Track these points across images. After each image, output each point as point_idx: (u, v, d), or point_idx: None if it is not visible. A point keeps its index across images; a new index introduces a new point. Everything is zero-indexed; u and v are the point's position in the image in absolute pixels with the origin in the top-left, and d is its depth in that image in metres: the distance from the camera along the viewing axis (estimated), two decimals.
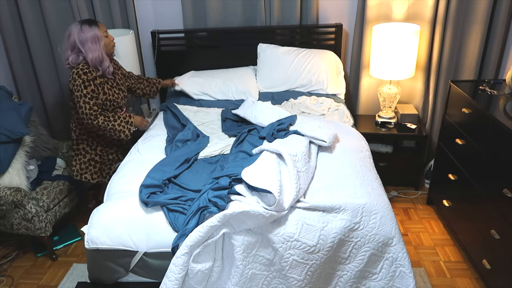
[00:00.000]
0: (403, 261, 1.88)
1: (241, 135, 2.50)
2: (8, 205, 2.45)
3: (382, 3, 3.03)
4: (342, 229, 1.83)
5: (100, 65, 2.43)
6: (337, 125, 2.61)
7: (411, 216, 2.94)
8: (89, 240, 1.93)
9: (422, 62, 3.12)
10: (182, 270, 1.75)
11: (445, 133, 2.72)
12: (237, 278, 1.80)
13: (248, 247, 1.79)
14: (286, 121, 2.47)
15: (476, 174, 2.32)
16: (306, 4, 3.11)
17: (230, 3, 3.13)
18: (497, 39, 2.90)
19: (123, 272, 1.98)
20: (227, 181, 1.95)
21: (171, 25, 3.29)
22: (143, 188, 2.01)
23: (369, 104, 3.37)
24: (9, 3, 3.12)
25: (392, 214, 1.94)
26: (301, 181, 1.94)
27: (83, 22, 2.38)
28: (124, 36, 3.00)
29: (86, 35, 2.36)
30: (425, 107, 3.26)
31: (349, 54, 3.31)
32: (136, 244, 1.91)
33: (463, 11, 2.92)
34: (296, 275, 1.81)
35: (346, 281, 1.90)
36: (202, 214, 1.83)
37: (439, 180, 2.82)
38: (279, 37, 3.20)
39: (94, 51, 2.38)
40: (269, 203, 1.80)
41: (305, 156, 2.08)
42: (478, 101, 2.35)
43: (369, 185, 2.04)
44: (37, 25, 3.20)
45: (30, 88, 3.41)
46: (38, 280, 2.55)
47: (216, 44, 3.25)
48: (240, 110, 2.79)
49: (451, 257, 2.55)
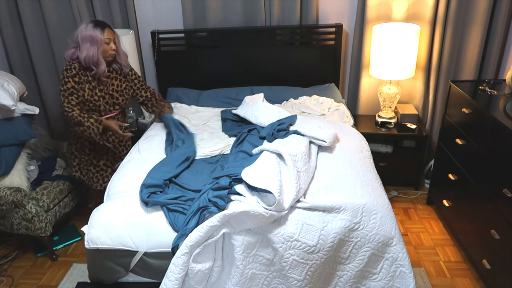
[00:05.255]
0: (403, 261, 1.88)
1: (241, 135, 2.51)
2: (8, 205, 2.45)
3: (382, 3, 3.03)
4: (342, 229, 1.83)
5: (94, 66, 2.43)
6: (337, 125, 2.61)
7: (411, 216, 2.94)
8: (89, 240, 1.93)
9: (422, 62, 3.12)
10: (182, 270, 1.75)
11: (445, 133, 2.72)
12: (237, 278, 1.80)
13: (248, 247, 1.79)
14: (286, 121, 2.47)
15: (476, 174, 2.32)
16: (306, 4, 3.11)
17: (230, 3, 3.13)
18: (497, 39, 2.90)
19: (123, 272, 1.98)
20: (227, 181, 1.95)
21: (171, 25, 3.29)
22: (143, 188, 2.02)
23: (369, 104, 3.37)
24: (9, 3, 3.12)
25: (392, 214, 1.94)
26: (301, 181, 1.94)
27: (92, 21, 2.40)
28: (124, 36, 3.00)
29: (87, 34, 2.37)
30: (425, 107, 3.26)
31: (349, 54, 3.31)
32: (136, 244, 1.91)
33: (463, 11, 2.92)
34: (296, 275, 1.81)
35: (346, 281, 1.90)
36: (202, 214, 1.83)
37: (439, 180, 2.82)
38: (279, 37, 3.20)
39: (89, 51, 2.38)
40: (269, 203, 1.80)
41: (305, 156, 2.08)
42: (478, 101, 2.35)
43: (369, 185, 2.04)
44: (37, 25, 3.19)
45: (30, 88, 3.40)
46: (38, 280, 2.55)
47: (216, 44, 3.24)
48: (240, 110, 2.79)
49: (451, 257, 2.55)
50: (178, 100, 3.19)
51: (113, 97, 2.58)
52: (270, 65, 3.25)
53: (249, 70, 3.27)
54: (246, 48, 3.22)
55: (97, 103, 2.51)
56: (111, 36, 2.44)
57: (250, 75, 3.28)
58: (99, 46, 2.39)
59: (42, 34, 3.23)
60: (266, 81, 3.26)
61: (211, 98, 3.18)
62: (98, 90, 2.51)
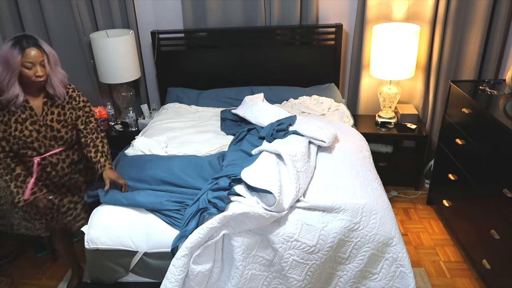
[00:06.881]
0: (403, 261, 1.88)
1: (240, 133, 2.50)
2: (8, 205, 2.45)
3: (382, 3, 3.03)
4: (342, 229, 1.83)
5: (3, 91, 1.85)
6: (337, 125, 2.61)
7: (411, 216, 2.94)
8: (89, 240, 1.93)
9: (422, 62, 3.12)
10: (182, 272, 1.75)
11: (445, 133, 2.72)
12: (237, 278, 1.80)
13: (248, 247, 1.79)
14: (286, 121, 2.47)
15: (476, 174, 2.32)
16: (306, 4, 3.11)
17: (230, 3, 3.13)
18: (497, 39, 2.90)
19: (123, 272, 1.98)
20: (227, 182, 1.95)
21: (171, 25, 3.29)
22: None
23: (369, 104, 3.37)
24: (9, 3, 3.12)
25: (392, 214, 1.94)
26: (301, 181, 1.94)
27: (13, 38, 1.85)
28: (124, 36, 3.01)
29: (2, 53, 1.83)
30: (425, 107, 3.26)
31: (349, 54, 3.31)
32: (136, 244, 1.91)
33: (463, 11, 2.92)
34: (296, 275, 1.81)
35: (346, 281, 1.90)
36: (201, 215, 1.83)
37: (439, 180, 2.82)
38: (279, 37, 3.20)
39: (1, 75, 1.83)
40: (269, 203, 1.80)
41: (304, 156, 2.08)
42: (478, 101, 2.35)
43: (369, 185, 2.04)
44: (37, 25, 3.20)
45: None
46: (38, 280, 2.55)
47: (216, 44, 3.24)
48: (240, 110, 2.79)
49: (451, 257, 2.55)
50: (178, 100, 3.19)
51: (53, 129, 1.97)
52: (270, 65, 3.25)
53: (249, 70, 3.27)
54: (246, 48, 3.22)
55: (29, 139, 1.93)
56: (37, 58, 1.83)
57: (250, 75, 3.28)
58: (13, 70, 1.80)
59: (43, 34, 3.23)
60: (266, 81, 3.26)
61: (211, 98, 3.18)
62: (30, 123, 1.93)
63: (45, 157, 1.99)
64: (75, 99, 2.05)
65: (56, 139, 1.99)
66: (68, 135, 2.02)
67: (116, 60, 3.02)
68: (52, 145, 1.99)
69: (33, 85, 1.89)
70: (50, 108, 1.97)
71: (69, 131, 2.02)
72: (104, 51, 2.99)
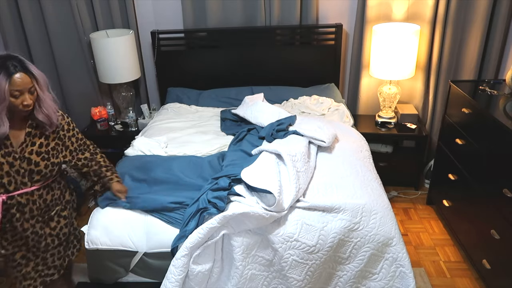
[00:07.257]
0: (403, 261, 1.88)
1: (240, 133, 2.50)
2: None
3: (382, 3, 3.03)
4: (341, 229, 1.83)
5: None
6: (337, 125, 2.61)
7: (411, 216, 2.94)
8: (89, 241, 1.93)
9: (422, 62, 3.12)
10: (182, 272, 1.75)
11: (445, 133, 2.72)
12: (237, 278, 1.80)
13: (248, 247, 1.79)
14: (286, 121, 2.47)
15: (476, 174, 2.32)
16: (306, 4, 3.11)
17: (230, 3, 3.13)
18: (497, 39, 2.90)
19: (123, 272, 1.99)
20: (227, 182, 1.95)
21: (171, 25, 3.29)
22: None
23: (369, 104, 3.37)
24: (9, 3, 3.12)
25: (392, 214, 1.94)
26: (301, 181, 1.94)
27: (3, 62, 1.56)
28: (124, 36, 3.01)
29: None
30: (425, 107, 3.26)
31: (349, 54, 3.31)
32: (136, 244, 1.91)
33: (463, 11, 2.91)
34: (296, 275, 1.81)
35: (346, 281, 1.90)
36: (201, 215, 1.83)
37: (439, 180, 2.82)
38: (279, 37, 3.20)
39: None
40: (268, 203, 1.80)
41: (304, 156, 2.08)
42: (478, 101, 2.35)
43: (369, 185, 2.04)
44: (37, 25, 3.19)
45: None
46: None
47: (216, 44, 3.24)
48: (240, 110, 2.79)
49: (451, 257, 2.55)
50: (178, 100, 3.19)
51: (31, 162, 1.70)
52: (270, 65, 3.25)
53: (249, 70, 3.27)
54: (246, 48, 3.22)
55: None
56: (26, 85, 1.58)
57: (250, 75, 3.28)
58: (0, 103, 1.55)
59: (43, 34, 3.22)
60: (266, 81, 3.26)
61: (211, 98, 3.18)
62: (2, 155, 1.65)
63: (13, 195, 1.69)
64: (63, 128, 1.81)
65: (32, 175, 1.71)
66: (47, 169, 1.74)
67: (116, 60, 3.02)
68: (24, 182, 1.69)
69: (18, 114, 1.65)
70: (32, 139, 1.71)
71: (49, 165, 1.74)
72: (104, 51, 2.99)
